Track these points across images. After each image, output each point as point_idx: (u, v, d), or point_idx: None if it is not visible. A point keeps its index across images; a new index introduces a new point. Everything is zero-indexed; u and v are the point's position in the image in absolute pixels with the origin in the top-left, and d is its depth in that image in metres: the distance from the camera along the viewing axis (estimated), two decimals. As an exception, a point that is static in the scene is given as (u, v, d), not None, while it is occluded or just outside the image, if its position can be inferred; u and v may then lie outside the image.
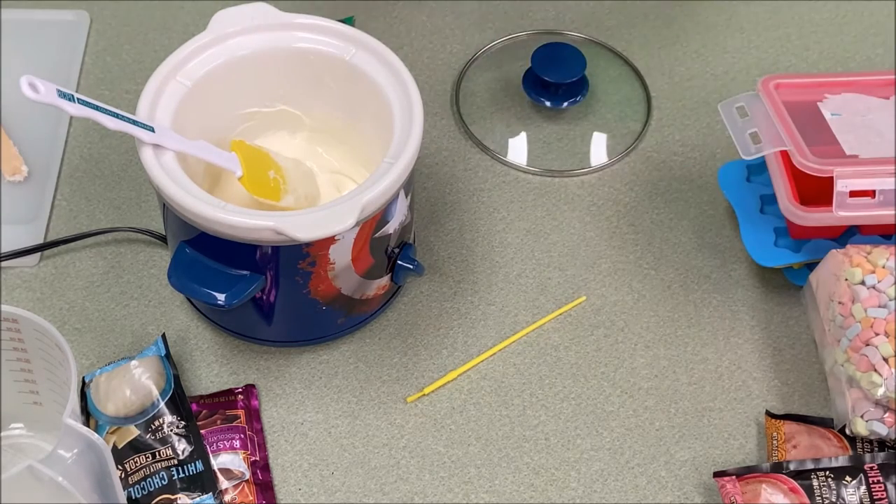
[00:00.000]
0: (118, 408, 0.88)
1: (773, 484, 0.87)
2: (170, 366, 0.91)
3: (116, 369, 0.90)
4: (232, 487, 0.87)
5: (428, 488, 0.91)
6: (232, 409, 0.91)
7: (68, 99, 0.83)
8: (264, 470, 0.90)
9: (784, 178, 0.97)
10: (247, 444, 0.90)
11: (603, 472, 0.92)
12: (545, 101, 1.13)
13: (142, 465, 0.87)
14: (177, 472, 0.87)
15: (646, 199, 1.08)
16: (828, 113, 0.99)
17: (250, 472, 0.88)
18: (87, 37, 1.18)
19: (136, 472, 0.87)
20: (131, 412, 0.88)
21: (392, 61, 0.94)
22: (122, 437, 0.88)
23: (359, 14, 1.19)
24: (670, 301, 1.02)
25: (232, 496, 0.87)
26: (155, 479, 0.86)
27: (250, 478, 0.88)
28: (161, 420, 0.88)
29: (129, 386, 0.89)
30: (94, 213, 1.06)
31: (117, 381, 0.89)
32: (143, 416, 0.88)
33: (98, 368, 0.92)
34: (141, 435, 0.88)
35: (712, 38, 1.21)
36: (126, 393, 0.89)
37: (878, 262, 0.91)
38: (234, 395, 0.93)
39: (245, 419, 0.91)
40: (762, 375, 0.97)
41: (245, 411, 0.91)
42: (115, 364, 0.91)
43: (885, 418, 0.87)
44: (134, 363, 0.90)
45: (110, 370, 0.90)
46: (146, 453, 0.87)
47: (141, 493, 0.86)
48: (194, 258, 0.89)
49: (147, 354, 0.92)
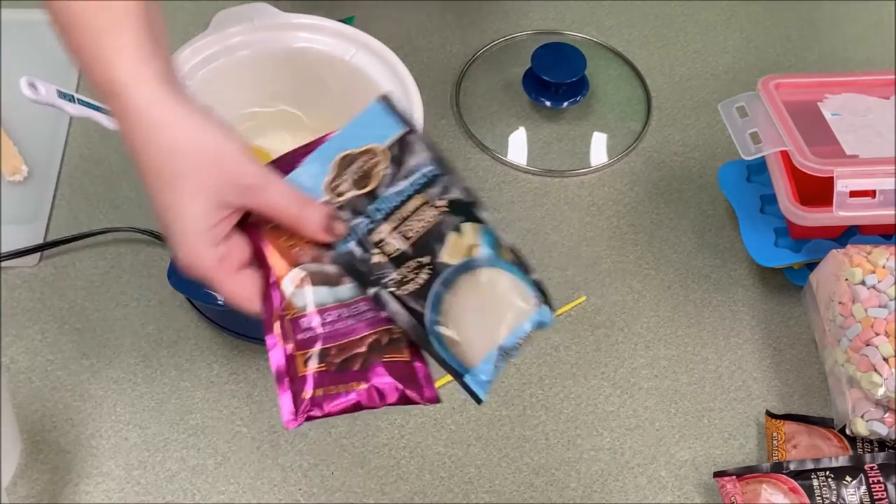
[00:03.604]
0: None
1: (773, 484, 0.87)
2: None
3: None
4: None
5: (428, 488, 0.91)
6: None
7: (68, 99, 0.83)
8: None
9: (784, 178, 0.97)
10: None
11: (603, 472, 0.92)
12: (545, 101, 1.13)
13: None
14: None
15: (646, 199, 1.08)
16: (828, 113, 0.99)
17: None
18: (86, 37, 1.18)
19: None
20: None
21: (392, 61, 0.94)
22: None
23: (359, 14, 1.19)
24: (670, 301, 1.02)
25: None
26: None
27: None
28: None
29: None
30: (94, 213, 1.06)
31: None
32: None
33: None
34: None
35: (712, 38, 1.21)
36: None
37: (878, 262, 0.91)
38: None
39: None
40: (762, 375, 0.97)
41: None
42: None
43: (886, 418, 0.87)
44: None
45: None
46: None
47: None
48: (194, 258, 0.89)
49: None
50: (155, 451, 0.92)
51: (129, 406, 0.94)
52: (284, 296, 0.69)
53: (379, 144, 0.69)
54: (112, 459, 0.92)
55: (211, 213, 0.68)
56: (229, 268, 0.69)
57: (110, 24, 0.70)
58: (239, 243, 0.70)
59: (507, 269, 0.70)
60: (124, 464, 0.91)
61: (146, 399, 0.95)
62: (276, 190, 0.69)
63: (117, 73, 0.69)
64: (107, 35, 0.70)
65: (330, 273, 0.69)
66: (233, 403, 0.95)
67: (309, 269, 0.69)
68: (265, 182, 0.68)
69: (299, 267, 0.69)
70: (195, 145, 0.68)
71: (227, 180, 0.68)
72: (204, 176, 0.68)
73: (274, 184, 0.69)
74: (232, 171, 0.68)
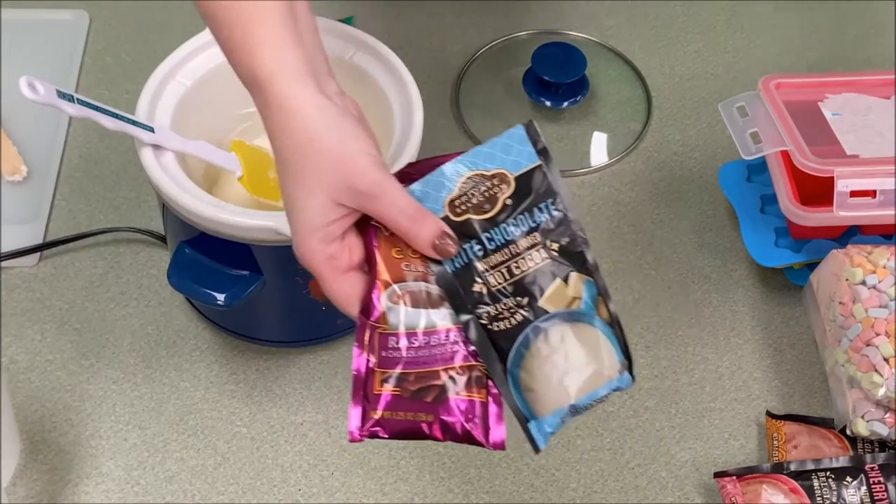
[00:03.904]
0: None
1: (773, 484, 0.87)
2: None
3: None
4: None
5: (428, 488, 0.91)
6: None
7: (68, 99, 0.82)
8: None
9: (784, 177, 0.97)
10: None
11: (603, 472, 0.92)
12: (545, 101, 1.13)
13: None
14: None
15: (646, 199, 1.08)
16: (828, 113, 0.99)
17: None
18: (86, 37, 1.18)
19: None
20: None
21: (392, 61, 0.94)
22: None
23: (359, 14, 1.19)
24: (670, 301, 1.01)
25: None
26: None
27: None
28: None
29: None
30: (93, 213, 1.05)
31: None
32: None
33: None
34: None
35: (712, 38, 1.21)
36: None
37: (878, 262, 0.91)
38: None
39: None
40: (763, 376, 0.97)
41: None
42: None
43: (886, 419, 0.87)
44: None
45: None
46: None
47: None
48: (194, 258, 0.89)
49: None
50: (154, 452, 0.92)
51: (128, 406, 0.94)
52: (381, 309, 0.69)
53: (510, 171, 0.68)
54: (111, 460, 0.91)
55: (327, 210, 0.68)
56: (337, 267, 0.69)
57: (253, 15, 0.70)
58: (353, 244, 0.70)
59: (600, 329, 0.69)
60: (124, 464, 0.91)
61: (146, 399, 0.95)
62: (390, 201, 0.68)
63: (258, 63, 0.70)
64: (249, 25, 0.70)
65: (429, 295, 0.68)
66: (233, 403, 0.95)
67: (409, 288, 0.69)
68: (380, 191, 0.68)
69: (400, 284, 0.69)
70: (321, 142, 0.68)
71: (344, 183, 0.68)
72: (324, 173, 0.68)
73: (389, 194, 0.68)
74: (350, 174, 0.68)
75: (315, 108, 0.69)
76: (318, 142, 0.68)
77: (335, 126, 0.69)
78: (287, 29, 0.71)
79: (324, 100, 0.69)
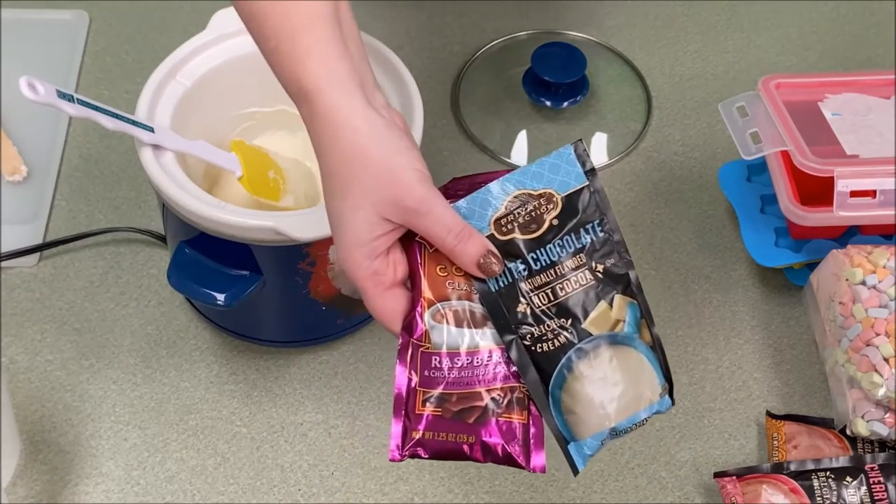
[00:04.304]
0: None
1: (773, 484, 0.87)
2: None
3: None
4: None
5: (428, 488, 0.91)
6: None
7: (67, 99, 0.82)
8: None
9: (784, 178, 0.97)
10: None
11: (603, 472, 0.92)
12: (545, 101, 1.13)
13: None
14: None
15: (646, 199, 1.08)
16: (828, 113, 0.99)
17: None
18: (86, 37, 1.18)
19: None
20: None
21: (392, 61, 0.94)
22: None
23: (359, 14, 1.18)
24: (670, 301, 1.01)
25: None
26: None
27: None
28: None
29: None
30: (93, 213, 1.05)
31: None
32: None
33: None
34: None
35: (712, 38, 1.21)
36: None
37: (878, 262, 0.91)
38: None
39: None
40: (763, 376, 0.97)
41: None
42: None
43: (886, 419, 0.87)
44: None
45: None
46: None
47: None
48: (194, 258, 0.89)
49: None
50: (154, 452, 0.92)
51: (128, 406, 0.94)
52: (424, 327, 0.68)
53: (558, 191, 0.68)
54: (111, 460, 0.91)
55: (373, 225, 0.67)
56: (381, 283, 0.69)
57: (300, 26, 0.69)
58: (397, 261, 0.69)
59: (643, 352, 0.69)
60: (124, 464, 0.91)
61: (146, 399, 0.95)
62: (435, 217, 0.67)
63: (305, 74, 0.69)
64: (296, 36, 0.69)
65: (472, 314, 0.68)
66: (232, 403, 0.95)
67: (453, 307, 0.68)
68: (426, 208, 0.67)
69: (444, 302, 0.68)
70: (368, 155, 0.67)
71: (390, 198, 0.67)
72: (370, 188, 0.67)
73: (434, 211, 0.67)
74: (396, 189, 0.67)
75: (363, 120, 0.68)
76: (366, 156, 0.67)
77: (384, 139, 0.68)
78: (335, 40, 0.70)
79: (372, 112, 0.68)
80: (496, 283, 0.68)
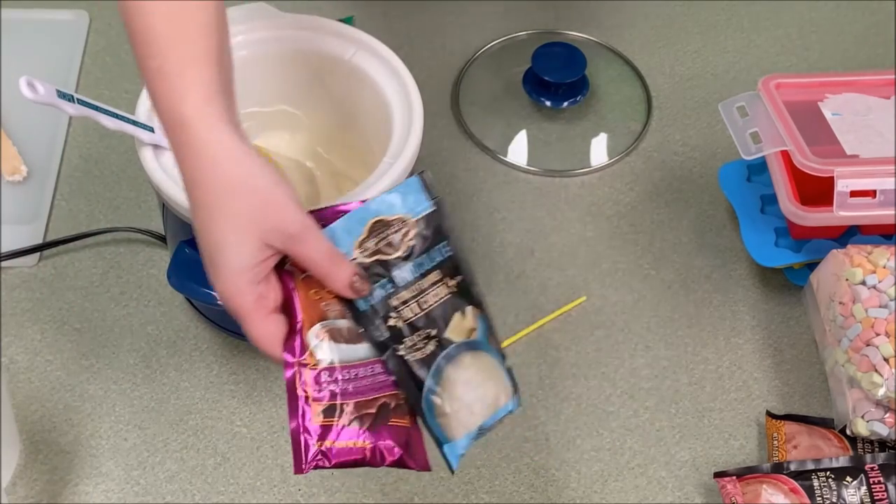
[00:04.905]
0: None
1: (773, 484, 0.87)
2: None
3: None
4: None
5: (428, 488, 0.91)
6: None
7: (67, 99, 0.82)
8: None
9: (785, 178, 0.97)
10: None
11: (603, 472, 0.92)
12: (545, 101, 1.13)
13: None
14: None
15: (646, 199, 1.08)
16: (828, 113, 0.99)
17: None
18: (86, 37, 1.18)
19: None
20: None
21: (392, 61, 0.94)
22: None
23: (359, 14, 1.19)
24: (670, 301, 1.01)
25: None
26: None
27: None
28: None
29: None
30: (93, 213, 1.05)
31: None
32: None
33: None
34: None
35: (712, 38, 1.21)
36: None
37: (878, 262, 0.91)
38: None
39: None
40: (763, 376, 0.97)
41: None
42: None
43: (886, 419, 0.87)
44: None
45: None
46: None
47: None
48: (194, 258, 0.88)
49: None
50: (154, 452, 0.92)
51: (128, 406, 0.94)
52: (308, 347, 0.72)
53: (410, 216, 0.73)
54: (111, 460, 0.91)
55: (256, 252, 0.70)
56: (265, 307, 0.71)
57: (190, 57, 0.72)
58: (275, 286, 0.72)
59: (494, 357, 0.75)
60: (124, 464, 0.91)
61: (146, 399, 0.95)
62: (313, 243, 0.70)
63: (185, 107, 0.71)
64: (184, 65, 0.71)
65: (351, 331, 0.72)
66: (232, 403, 0.95)
67: (331, 326, 0.72)
68: (306, 234, 0.70)
69: (322, 322, 0.72)
70: (253, 186, 0.70)
71: (273, 225, 0.70)
72: (254, 217, 0.70)
73: (313, 236, 0.71)
74: (280, 217, 0.70)
75: (244, 154, 0.71)
76: (250, 186, 0.70)
77: (264, 171, 0.71)
78: (220, 74, 0.72)
79: (249, 146, 0.71)
80: (366, 302, 0.72)
